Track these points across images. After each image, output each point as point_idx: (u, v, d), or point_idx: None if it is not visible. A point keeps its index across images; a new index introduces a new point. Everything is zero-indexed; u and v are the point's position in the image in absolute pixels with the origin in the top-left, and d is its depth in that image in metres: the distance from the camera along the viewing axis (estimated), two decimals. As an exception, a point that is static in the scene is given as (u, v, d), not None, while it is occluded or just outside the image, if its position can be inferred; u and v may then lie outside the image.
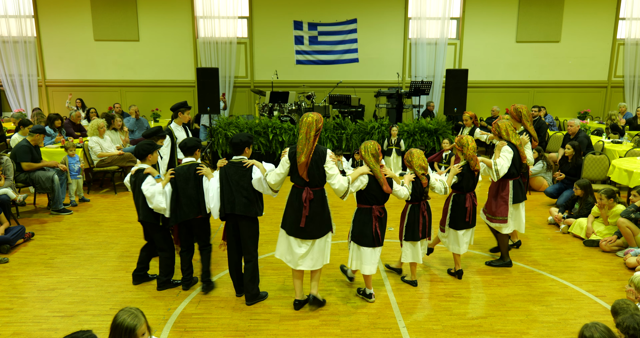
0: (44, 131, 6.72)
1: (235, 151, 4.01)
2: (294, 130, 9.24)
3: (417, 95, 10.28)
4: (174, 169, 4.17)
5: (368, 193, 3.93)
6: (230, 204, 3.93)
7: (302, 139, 3.70)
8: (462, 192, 4.47)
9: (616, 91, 12.52)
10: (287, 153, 3.81)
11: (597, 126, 10.43)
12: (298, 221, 3.79)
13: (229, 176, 3.94)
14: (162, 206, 4.09)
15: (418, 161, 4.17)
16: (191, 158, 4.24)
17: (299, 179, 3.80)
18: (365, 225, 3.96)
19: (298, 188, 3.84)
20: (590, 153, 7.02)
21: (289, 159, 3.79)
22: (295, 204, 3.83)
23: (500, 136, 4.79)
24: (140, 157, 4.27)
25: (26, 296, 4.29)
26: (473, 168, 4.43)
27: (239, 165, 3.96)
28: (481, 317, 3.96)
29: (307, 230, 3.82)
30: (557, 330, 3.77)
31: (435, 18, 11.97)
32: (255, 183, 3.94)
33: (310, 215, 3.78)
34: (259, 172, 3.93)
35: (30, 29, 11.98)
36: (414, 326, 3.82)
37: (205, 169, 4.13)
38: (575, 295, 4.35)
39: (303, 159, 3.68)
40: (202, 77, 9.70)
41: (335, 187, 3.77)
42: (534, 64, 12.31)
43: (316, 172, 3.76)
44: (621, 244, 5.30)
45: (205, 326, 3.80)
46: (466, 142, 4.42)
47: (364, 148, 3.91)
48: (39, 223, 6.26)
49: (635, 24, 12.07)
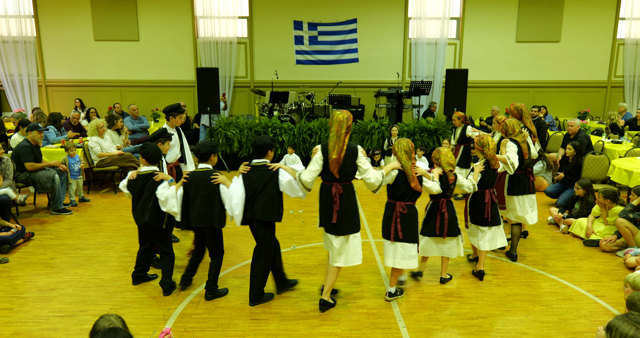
0: (39, 127, 6.65)
1: (258, 154, 4.00)
2: (294, 130, 9.24)
3: (417, 95, 10.28)
4: (189, 174, 4.12)
5: (396, 188, 4.01)
6: (251, 209, 3.93)
7: (332, 137, 3.78)
8: (482, 189, 4.56)
9: (616, 91, 12.53)
10: (319, 150, 3.85)
11: (597, 126, 10.43)
12: (330, 217, 3.84)
13: (252, 181, 3.92)
14: (174, 210, 4.08)
15: (446, 158, 4.27)
16: (206, 164, 4.12)
17: (328, 175, 3.85)
18: (387, 219, 4.07)
19: (327, 184, 3.88)
20: (590, 153, 7.02)
21: (323, 156, 3.83)
22: (325, 200, 3.88)
23: (507, 133, 4.97)
24: (152, 161, 4.23)
25: (26, 296, 4.29)
26: (493, 166, 4.55)
27: (263, 169, 3.94)
28: (481, 317, 3.96)
29: (339, 225, 3.85)
30: (557, 329, 3.78)
31: (435, 18, 11.97)
32: (285, 185, 3.93)
33: (342, 210, 3.82)
34: (287, 174, 3.92)
35: (30, 29, 11.98)
36: (414, 326, 3.82)
37: (221, 177, 4.03)
38: (575, 295, 4.36)
39: (335, 156, 3.75)
40: (202, 77, 9.69)
41: (371, 180, 3.86)
42: (534, 64, 12.31)
43: (349, 168, 3.83)
44: (621, 244, 5.30)
45: (205, 326, 3.80)
46: (487, 142, 4.55)
47: (398, 144, 4.01)
48: (39, 223, 6.26)
49: (635, 24, 12.07)
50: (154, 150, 4.26)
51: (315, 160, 3.83)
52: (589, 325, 3.84)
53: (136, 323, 3.82)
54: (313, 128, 9.29)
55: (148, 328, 3.75)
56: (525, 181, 5.03)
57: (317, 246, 5.44)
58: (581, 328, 3.78)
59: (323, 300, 4.01)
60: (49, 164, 6.62)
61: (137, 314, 3.96)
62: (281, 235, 4.28)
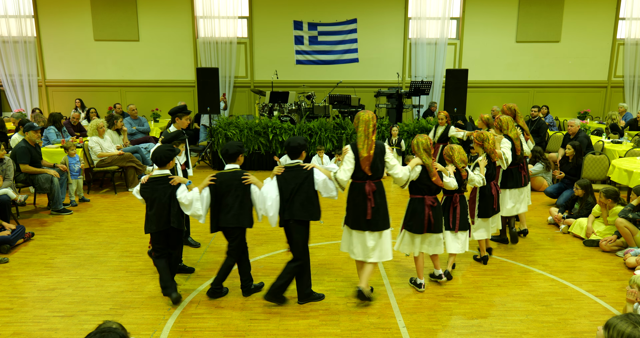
0: (34, 127, 6.60)
1: (292, 155, 4.02)
2: (294, 130, 9.24)
3: (417, 95, 10.28)
4: (216, 175, 4.02)
5: (421, 183, 4.18)
6: (289, 210, 3.93)
7: (361, 136, 3.92)
8: (487, 182, 4.80)
9: (616, 91, 12.53)
10: (349, 149, 3.93)
11: (597, 126, 10.43)
12: (364, 214, 3.94)
13: (287, 182, 3.93)
14: (199, 213, 3.98)
15: (459, 155, 4.45)
16: (234, 165, 4.07)
17: (360, 173, 3.94)
18: (417, 213, 4.21)
19: (359, 182, 3.97)
20: (590, 153, 7.02)
21: (354, 155, 3.90)
22: (358, 198, 3.96)
23: (501, 129, 5.23)
24: (161, 163, 4.05)
25: (26, 296, 4.29)
26: (493, 159, 4.84)
27: (298, 169, 3.96)
28: (481, 317, 3.96)
29: (373, 221, 3.98)
30: (557, 330, 3.78)
31: (435, 18, 11.97)
32: (320, 184, 3.96)
33: (376, 206, 3.95)
34: (322, 174, 3.96)
35: (30, 29, 11.98)
36: (414, 326, 3.82)
37: (252, 178, 4.01)
38: (575, 295, 4.36)
39: (365, 154, 3.88)
40: (202, 77, 9.70)
41: (399, 176, 4.03)
42: (534, 64, 12.31)
43: (379, 165, 3.97)
44: (621, 244, 5.30)
45: (205, 326, 3.80)
46: (486, 137, 4.82)
47: (417, 142, 4.17)
48: (39, 223, 6.26)
49: (635, 24, 12.07)
50: (161, 152, 4.06)
51: (347, 159, 3.92)
52: (589, 325, 3.84)
53: (136, 323, 3.82)
54: (313, 128, 9.28)
55: (148, 328, 3.75)
56: (517, 175, 5.29)
57: (317, 246, 5.44)
58: (581, 328, 3.78)
59: (360, 289, 4.09)
60: (45, 171, 6.51)
61: (137, 314, 3.96)
62: (281, 235, 4.28)
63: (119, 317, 3.89)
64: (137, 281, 4.57)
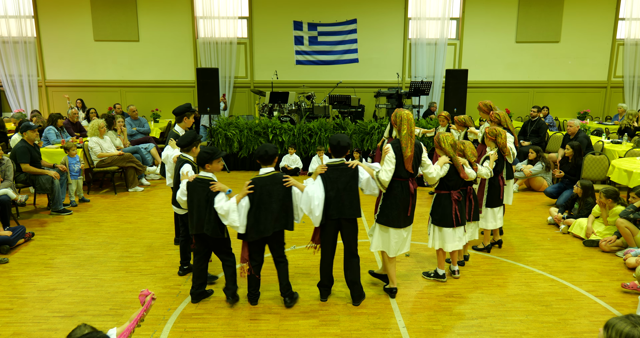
0: (31, 126, 6.59)
1: (337, 154, 3.99)
2: (294, 130, 9.24)
3: (417, 95, 10.28)
4: (252, 182, 3.85)
5: (448, 180, 4.37)
6: (337, 209, 3.91)
7: (406, 135, 3.95)
8: (495, 175, 5.04)
9: (616, 91, 12.53)
10: (390, 149, 3.93)
11: (596, 126, 10.42)
12: (406, 211, 4.04)
13: (333, 181, 3.90)
14: (235, 225, 3.81)
15: (471, 149, 4.64)
16: (270, 168, 3.95)
17: (403, 172, 3.99)
18: (445, 208, 4.38)
19: (401, 180, 4.01)
20: (590, 153, 7.02)
21: (395, 155, 3.93)
22: (401, 196, 4.00)
23: (500, 123, 5.43)
24: (200, 164, 3.94)
25: (26, 296, 4.28)
26: (504, 154, 5.07)
27: (342, 167, 3.94)
28: (481, 317, 3.95)
29: (411, 217, 4.16)
30: (557, 330, 3.77)
31: (435, 18, 11.97)
32: (364, 182, 3.97)
33: (415, 203, 4.16)
34: (366, 172, 3.96)
35: (31, 29, 11.99)
36: (414, 326, 3.82)
37: (292, 180, 3.93)
38: (575, 295, 4.35)
39: (410, 152, 3.94)
40: (202, 78, 9.69)
41: (433, 175, 4.18)
42: (534, 64, 12.32)
43: (417, 163, 4.10)
44: (621, 244, 5.29)
45: (205, 326, 3.80)
46: (499, 132, 5.03)
47: (443, 138, 4.36)
48: (38, 223, 6.26)
49: (635, 24, 12.08)
50: (199, 155, 3.94)
51: (389, 160, 3.93)
52: (589, 325, 3.84)
53: (136, 323, 3.81)
54: (313, 128, 9.28)
55: (148, 328, 3.75)
56: (509, 168, 5.44)
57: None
58: (581, 329, 3.78)
59: (391, 288, 4.23)
60: (46, 173, 6.49)
61: (137, 314, 3.95)
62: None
63: (119, 317, 3.89)
64: (137, 282, 4.56)
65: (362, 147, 9.37)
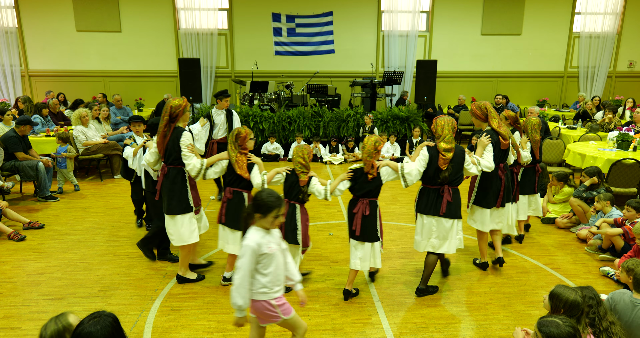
0: (30, 122, 6.41)
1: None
2: (274, 118, 9.15)
3: (390, 84, 10.29)
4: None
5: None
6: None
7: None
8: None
9: (571, 80, 12.80)
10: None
11: (554, 113, 10.65)
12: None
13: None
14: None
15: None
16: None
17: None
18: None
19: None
20: (547, 138, 7.18)
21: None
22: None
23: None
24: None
25: (15, 281, 4.17)
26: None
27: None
28: (449, 290, 4.04)
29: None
30: (517, 300, 3.90)
31: (407, 11, 11.93)
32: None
33: None
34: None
35: (12, 19, 11.44)
36: (387, 300, 3.88)
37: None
38: (533, 268, 4.49)
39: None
40: (184, 68, 9.47)
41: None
42: (498, 55, 12.45)
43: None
44: (575, 221, 5.47)
45: (191, 305, 3.77)
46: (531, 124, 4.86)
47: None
48: (26, 210, 6.07)
49: (590, 19, 12.30)
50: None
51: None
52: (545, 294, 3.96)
53: (124, 303, 3.77)
54: (292, 116, 9.21)
55: (136, 308, 3.71)
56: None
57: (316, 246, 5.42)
58: (538, 298, 3.91)
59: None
60: (37, 158, 6.32)
61: (125, 295, 3.91)
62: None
63: (108, 299, 3.83)
64: (124, 265, 4.49)
65: (338, 134, 9.36)
